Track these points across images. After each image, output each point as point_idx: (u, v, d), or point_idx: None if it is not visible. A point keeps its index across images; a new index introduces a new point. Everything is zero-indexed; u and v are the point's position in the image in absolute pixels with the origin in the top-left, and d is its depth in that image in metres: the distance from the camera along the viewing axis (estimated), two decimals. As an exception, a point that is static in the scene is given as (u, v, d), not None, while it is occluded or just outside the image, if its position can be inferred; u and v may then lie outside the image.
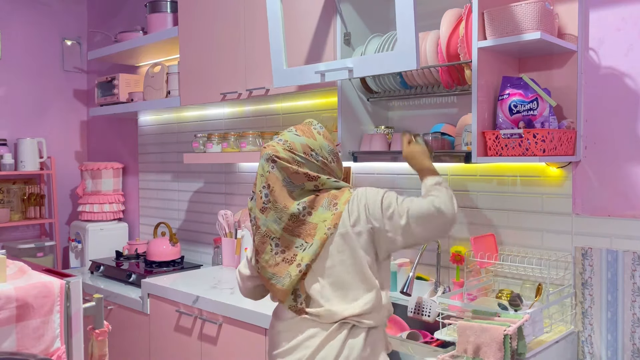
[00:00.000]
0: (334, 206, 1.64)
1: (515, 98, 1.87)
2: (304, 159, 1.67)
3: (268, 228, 1.66)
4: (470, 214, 2.25)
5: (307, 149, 1.68)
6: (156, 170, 3.83)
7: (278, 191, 1.65)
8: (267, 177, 1.66)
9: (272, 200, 1.65)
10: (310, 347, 1.62)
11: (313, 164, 1.68)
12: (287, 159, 1.66)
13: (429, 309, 2.09)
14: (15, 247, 3.80)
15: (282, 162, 1.65)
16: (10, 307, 1.24)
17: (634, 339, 1.84)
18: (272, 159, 1.66)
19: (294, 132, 1.72)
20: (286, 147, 1.67)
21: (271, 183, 1.66)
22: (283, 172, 1.65)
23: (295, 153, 1.66)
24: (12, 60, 3.99)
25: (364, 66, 1.92)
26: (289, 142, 1.69)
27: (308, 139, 1.70)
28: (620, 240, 1.88)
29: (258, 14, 2.58)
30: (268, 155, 1.67)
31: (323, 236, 1.62)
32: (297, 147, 1.67)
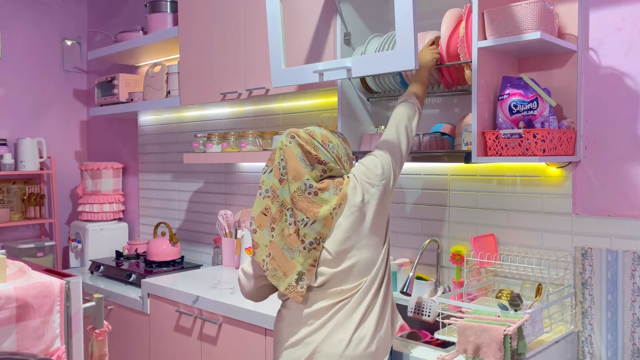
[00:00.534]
0: (339, 190, 1.72)
1: (515, 98, 1.87)
2: (320, 145, 1.75)
3: (284, 198, 1.72)
4: (470, 214, 2.25)
5: (325, 139, 1.77)
6: (156, 170, 3.83)
7: (292, 164, 1.72)
8: (284, 150, 1.74)
9: (287, 172, 1.72)
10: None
11: (327, 153, 1.75)
12: (305, 139, 1.74)
13: (429, 309, 2.09)
14: (15, 247, 3.80)
15: (299, 139, 1.73)
16: (10, 307, 1.24)
17: (634, 339, 1.84)
18: (291, 134, 1.75)
19: (317, 127, 1.82)
20: (307, 131, 1.77)
21: (286, 156, 1.73)
22: (299, 148, 1.72)
23: (314, 137, 1.75)
24: (12, 60, 3.99)
25: (363, 66, 1.92)
26: (310, 129, 1.79)
27: (329, 134, 1.80)
28: (620, 240, 1.88)
29: (258, 14, 2.58)
30: (288, 132, 1.76)
31: (327, 215, 1.69)
32: (317, 134, 1.76)
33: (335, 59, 2.23)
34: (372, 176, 1.75)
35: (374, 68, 1.90)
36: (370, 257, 1.72)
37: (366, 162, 1.79)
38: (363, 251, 1.71)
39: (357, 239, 1.71)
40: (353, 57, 1.96)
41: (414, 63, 1.78)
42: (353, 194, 1.72)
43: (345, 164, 1.81)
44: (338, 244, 1.69)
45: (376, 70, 1.89)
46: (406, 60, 1.78)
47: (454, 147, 2.12)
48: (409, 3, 1.74)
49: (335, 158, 1.76)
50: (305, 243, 1.69)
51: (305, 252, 1.69)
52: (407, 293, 2.18)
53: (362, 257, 1.71)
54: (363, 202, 1.72)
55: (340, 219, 1.71)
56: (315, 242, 1.69)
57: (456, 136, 2.11)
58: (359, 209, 1.71)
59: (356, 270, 1.70)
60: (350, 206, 1.71)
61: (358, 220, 1.71)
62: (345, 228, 1.70)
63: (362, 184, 1.74)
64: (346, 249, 1.70)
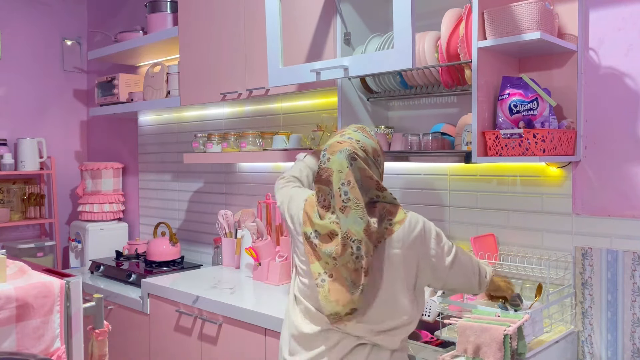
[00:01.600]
0: (389, 222, 1.59)
1: (515, 98, 1.87)
2: (373, 162, 1.64)
3: (349, 229, 1.54)
4: (470, 214, 2.25)
5: (375, 153, 1.65)
6: (156, 170, 3.83)
7: (357, 189, 1.56)
8: (346, 174, 1.57)
9: (352, 199, 1.55)
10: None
11: (376, 169, 1.65)
12: (364, 158, 1.60)
13: (429, 309, 2.09)
14: (15, 247, 3.80)
15: (360, 162, 1.59)
16: (10, 307, 1.24)
17: (634, 339, 1.84)
18: (352, 156, 1.58)
19: (361, 133, 1.67)
20: (360, 146, 1.62)
21: (351, 180, 1.57)
22: (359, 172, 1.58)
23: (368, 155, 1.62)
24: (12, 60, 3.99)
25: (360, 65, 1.91)
26: (361, 142, 1.63)
27: (375, 143, 1.67)
28: (620, 240, 1.88)
29: (258, 14, 2.58)
30: (348, 152, 1.59)
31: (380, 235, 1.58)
32: (369, 149, 1.63)
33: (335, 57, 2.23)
34: (428, 244, 1.61)
35: (371, 67, 1.89)
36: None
37: (437, 231, 1.64)
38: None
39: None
40: (350, 56, 1.95)
41: (412, 62, 1.76)
42: (405, 236, 1.58)
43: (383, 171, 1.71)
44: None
45: (373, 69, 1.88)
46: (404, 59, 1.77)
47: (454, 147, 2.12)
48: (407, 2, 1.74)
49: (381, 172, 1.68)
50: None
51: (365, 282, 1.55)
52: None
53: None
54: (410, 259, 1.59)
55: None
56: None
57: (456, 136, 2.11)
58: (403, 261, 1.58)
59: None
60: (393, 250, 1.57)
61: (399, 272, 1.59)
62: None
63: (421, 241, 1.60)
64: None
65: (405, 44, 1.75)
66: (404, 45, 1.76)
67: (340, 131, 1.71)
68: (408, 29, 1.74)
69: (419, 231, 1.60)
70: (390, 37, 2.12)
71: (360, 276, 1.54)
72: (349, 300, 1.54)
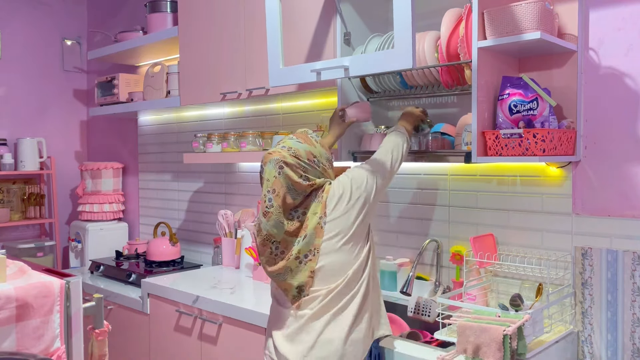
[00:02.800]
0: (320, 198, 1.76)
1: (515, 98, 1.87)
2: (308, 165, 1.76)
3: (269, 232, 1.74)
4: (470, 214, 2.25)
5: (310, 156, 1.78)
6: (156, 170, 3.83)
7: (282, 197, 1.72)
8: (272, 182, 1.73)
9: (274, 205, 1.72)
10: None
11: (315, 170, 1.78)
12: (294, 164, 1.74)
13: (429, 309, 2.09)
14: (15, 247, 3.80)
15: (288, 169, 1.73)
16: (10, 307, 1.24)
17: (634, 339, 1.84)
18: (280, 164, 1.74)
19: (295, 140, 1.80)
20: (291, 153, 1.76)
21: (276, 188, 1.73)
22: (287, 179, 1.73)
23: (300, 159, 1.75)
24: (12, 60, 3.99)
25: (360, 65, 1.91)
26: (293, 148, 1.77)
27: (310, 146, 1.80)
28: (620, 240, 1.88)
29: (258, 14, 2.58)
30: (276, 161, 1.74)
31: (316, 225, 1.73)
32: (301, 153, 1.77)
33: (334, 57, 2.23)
34: (354, 188, 1.78)
35: (371, 67, 1.89)
36: (340, 261, 1.74)
37: (353, 174, 1.83)
38: (331, 255, 1.73)
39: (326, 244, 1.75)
40: (351, 56, 1.95)
41: (412, 62, 1.77)
42: (331, 202, 1.76)
43: (329, 169, 1.84)
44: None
45: (374, 69, 1.89)
46: (404, 59, 1.77)
47: (454, 147, 2.12)
48: (407, 2, 1.74)
49: (322, 172, 1.80)
50: (301, 257, 1.74)
51: (302, 265, 1.73)
52: (407, 293, 2.18)
53: (329, 261, 1.73)
54: (342, 211, 1.75)
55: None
56: (311, 254, 1.73)
57: (456, 136, 2.11)
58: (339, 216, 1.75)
59: (322, 274, 1.73)
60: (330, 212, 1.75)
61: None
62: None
63: (343, 194, 1.77)
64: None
65: (405, 44, 1.76)
66: (404, 46, 1.76)
67: (281, 140, 1.86)
68: (408, 29, 1.74)
69: (344, 180, 1.80)
70: (390, 37, 2.12)
71: (280, 268, 1.76)
72: (287, 285, 1.76)
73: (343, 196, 1.77)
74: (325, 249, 1.73)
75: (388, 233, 2.51)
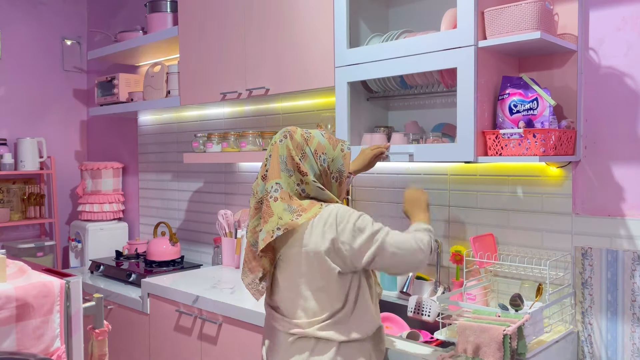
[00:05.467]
0: (298, 216, 1.61)
1: (515, 98, 1.87)
2: (310, 154, 1.68)
3: (262, 195, 1.70)
4: (470, 214, 2.25)
5: (320, 149, 1.70)
6: (156, 170, 3.83)
7: (274, 164, 1.67)
8: (273, 147, 1.70)
9: (268, 169, 1.69)
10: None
11: (315, 164, 1.68)
12: (297, 143, 1.68)
13: (429, 308, 2.09)
14: (15, 246, 3.79)
15: (290, 142, 1.67)
16: (10, 307, 1.24)
17: (634, 339, 1.84)
18: (285, 134, 1.70)
19: (321, 133, 1.75)
20: (304, 135, 1.70)
21: (273, 154, 1.69)
22: (285, 150, 1.67)
23: (307, 145, 1.68)
24: (12, 60, 3.99)
25: (424, 153, 2.00)
26: (311, 134, 1.72)
27: (328, 145, 1.71)
28: (620, 240, 1.88)
29: (258, 14, 2.58)
30: (285, 130, 1.71)
31: (270, 231, 1.60)
32: (313, 142, 1.70)
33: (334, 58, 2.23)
34: (342, 231, 1.60)
35: (434, 156, 1.97)
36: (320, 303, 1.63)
37: (355, 218, 1.61)
38: (310, 301, 1.63)
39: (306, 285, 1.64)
40: (416, 145, 2.04)
41: (473, 156, 1.84)
42: (312, 232, 1.61)
43: (333, 181, 1.72)
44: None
45: (437, 158, 1.96)
46: (466, 152, 1.86)
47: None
48: (471, 98, 1.82)
49: (321, 171, 1.69)
50: (258, 246, 1.67)
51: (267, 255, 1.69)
52: (407, 293, 2.18)
53: (310, 304, 1.63)
54: (324, 251, 1.60)
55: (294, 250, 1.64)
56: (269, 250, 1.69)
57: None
58: (316, 254, 1.61)
59: (303, 308, 1.65)
60: (304, 243, 1.61)
61: (312, 265, 1.62)
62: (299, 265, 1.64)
63: (329, 230, 1.60)
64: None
65: (467, 139, 1.85)
66: (467, 139, 1.85)
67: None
68: (471, 123, 1.84)
69: (330, 224, 1.60)
70: (389, 37, 2.12)
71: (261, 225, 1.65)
72: (256, 265, 1.70)
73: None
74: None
75: (388, 233, 2.51)
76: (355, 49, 2.18)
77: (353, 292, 1.64)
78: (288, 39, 2.45)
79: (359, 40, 2.28)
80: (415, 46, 1.98)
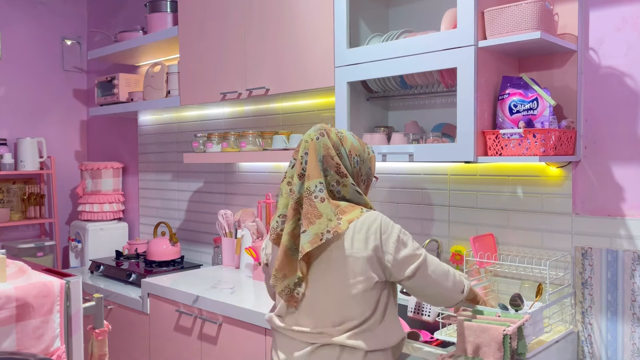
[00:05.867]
0: (338, 219, 1.55)
1: (515, 98, 1.87)
2: (345, 155, 1.62)
3: (300, 195, 1.59)
4: (470, 214, 2.25)
5: (354, 150, 1.65)
6: (156, 170, 3.83)
7: (313, 162, 1.58)
8: (309, 144, 1.60)
9: (304, 169, 1.59)
10: None
11: (349, 165, 1.63)
12: (334, 142, 1.61)
13: (429, 308, 2.09)
14: (15, 246, 3.79)
15: (327, 140, 1.60)
16: (10, 307, 1.24)
17: (634, 339, 1.84)
18: (321, 132, 1.61)
19: (351, 133, 1.69)
20: (338, 134, 1.64)
21: (310, 151, 1.59)
22: (323, 148, 1.59)
23: (342, 145, 1.62)
24: (12, 60, 3.99)
25: (424, 152, 1.99)
26: (344, 134, 1.66)
27: (360, 147, 1.67)
28: (620, 240, 1.88)
29: (258, 14, 2.58)
30: (320, 127, 1.63)
31: (319, 234, 1.52)
32: (347, 142, 1.64)
33: (334, 58, 2.23)
34: (386, 241, 1.56)
35: (434, 156, 1.96)
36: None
37: (398, 230, 1.59)
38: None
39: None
40: (415, 145, 2.04)
41: (473, 156, 1.84)
42: (354, 237, 1.54)
43: (362, 183, 1.69)
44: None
45: (436, 158, 1.96)
46: (466, 152, 1.86)
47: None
48: (471, 101, 1.82)
49: (354, 173, 1.64)
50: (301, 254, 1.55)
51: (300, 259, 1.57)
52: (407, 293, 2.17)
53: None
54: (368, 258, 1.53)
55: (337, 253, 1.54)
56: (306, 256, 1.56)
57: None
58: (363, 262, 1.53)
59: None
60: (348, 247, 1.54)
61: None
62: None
63: (375, 237, 1.55)
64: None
65: (467, 139, 1.86)
66: (467, 140, 1.86)
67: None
68: (471, 125, 1.85)
69: (373, 231, 1.55)
70: (390, 37, 2.12)
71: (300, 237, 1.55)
72: (293, 269, 1.57)
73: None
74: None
75: (388, 233, 2.51)
76: (355, 49, 2.18)
77: (383, 301, 1.59)
78: (288, 39, 2.45)
79: (359, 40, 2.28)
80: (415, 46, 1.98)
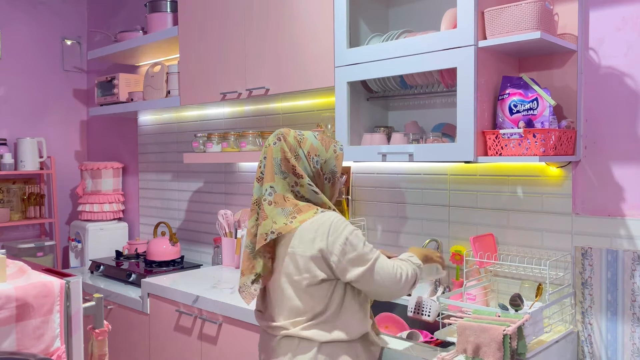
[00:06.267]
0: (292, 219, 1.64)
1: (515, 98, 1.87)
2: (303, 156, 1.70)
3: (258, 196, 1.71)
4: (470, 214, 2.25)
5: (312, 151, 1.71)
6: (156, 170, 3.83)
7: (269, 167, 1.69)
8: (267, 150, 1.71)
9: (262, 172, 1.71)
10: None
11: (308, 166, 1.70)
12: (291, 145, 1.69)
13: (429, 308, 2.09)
14: (15, 246, 3.79)
15: (284, 144, 1.69)
16: (10, 307, 1.24)
17: (634, 339, 1.84)
18: (278, 137, 1.71)
19: (314, 134, 1.76)
20: (297, 137, 1.72)
21: (267, 156, 1.71)
22: (280, 152, 1.68)
23: (300, 147, 1.70)
24: (12, 60, 3.99)
25: (424, 152, 1.99)
26: (304, 135, 1.73)
27: (321, 146, 1.73)
28: (620, 240, 1.88)
29: (258, 14, 2.58)
30: (277, 132, 1.73)
31: (263, 234, 1.64)
32: (306, 144, 1.71)
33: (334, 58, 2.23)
34: (333, 242, 1.60)
35: (434, 156, 1.96)
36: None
37: (348, 233, 1.62)
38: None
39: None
40: (416, 145, 2.04)
41: (473, 156, 1.84)
42: (302, 235, 1.63)
43: (326, 182, 1.74)
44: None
45: (437, 158, 1.95)
46: (466, 152, 1.86)
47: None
48: (471, 101, 1.82)
49: (314, 173, 1.71)
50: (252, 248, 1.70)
51: (265, 256, 1.68)
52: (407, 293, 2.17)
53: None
54: (315, 257, 1.62)
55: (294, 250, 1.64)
56: (268, 253, 1.69)
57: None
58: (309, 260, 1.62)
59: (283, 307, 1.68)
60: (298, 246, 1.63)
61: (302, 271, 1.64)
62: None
63: (324, 237, 1.61)
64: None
65: (467, 139, 1.85)
66: (467, 140, 1.85)
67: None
68: (471, 125, 1.84)
69: (321, 232, 1.61)
70: (390, 37, 2.12)
71: (259, 240, 1.65)
72: (250, 266, 1.69)
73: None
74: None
75: (388, 233, 2.51)
76: (355, 49, 2.18)
77: (338, 295, 1.65)
78: (288, 39, 2.45)
79: (359, 40, 2.28)
80: (415, 46, 1.98)
